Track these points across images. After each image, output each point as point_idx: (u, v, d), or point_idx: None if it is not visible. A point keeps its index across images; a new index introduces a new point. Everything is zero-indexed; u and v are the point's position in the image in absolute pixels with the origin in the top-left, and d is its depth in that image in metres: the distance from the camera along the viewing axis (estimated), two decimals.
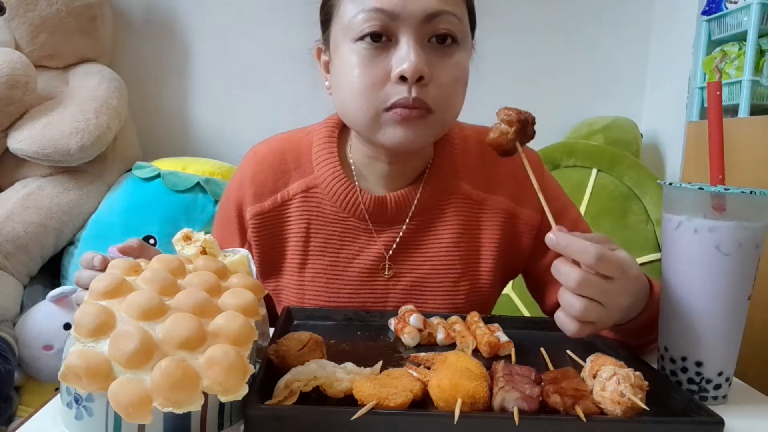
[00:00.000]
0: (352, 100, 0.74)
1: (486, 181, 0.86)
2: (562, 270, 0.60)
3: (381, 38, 0.72)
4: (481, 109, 0.86)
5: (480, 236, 0.86)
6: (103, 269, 0.63)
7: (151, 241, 1.62)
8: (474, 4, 0.80)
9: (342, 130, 0.88)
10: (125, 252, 0.66)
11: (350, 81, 0.73)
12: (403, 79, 0.71)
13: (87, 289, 0.60)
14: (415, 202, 0.84)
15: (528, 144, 0.68)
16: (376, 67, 0.72)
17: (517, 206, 0.86)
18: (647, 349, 0.74)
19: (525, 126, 0.65)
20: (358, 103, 0.74)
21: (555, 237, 0.61)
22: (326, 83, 0.82)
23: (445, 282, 0.85)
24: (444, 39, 0.73)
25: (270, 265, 0.87)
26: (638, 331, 0.70)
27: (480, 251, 0.86)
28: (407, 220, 0.85)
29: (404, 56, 0.71)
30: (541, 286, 0.91)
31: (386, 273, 0.85)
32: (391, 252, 0.85)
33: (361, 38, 0.72)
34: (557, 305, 0.85)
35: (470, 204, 0.86)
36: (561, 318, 0.62)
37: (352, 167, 0.86)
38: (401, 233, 0.85)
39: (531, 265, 0.90)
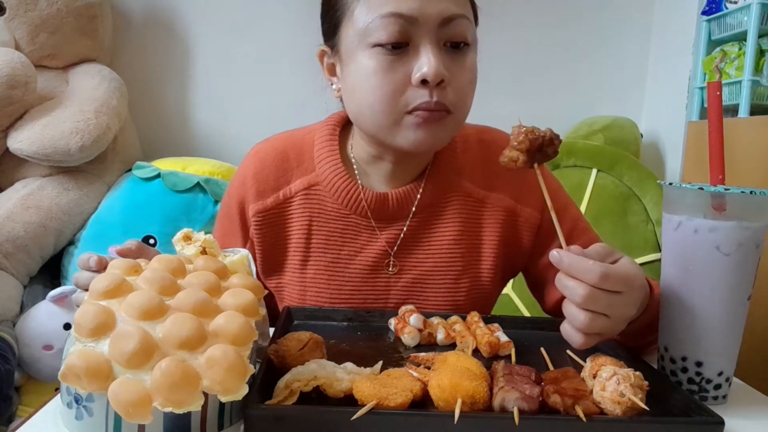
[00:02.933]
0: (372, 105, 0.74)
1: (487, 179, 0.87)
2: (567, 285, 0.60)
3: (400, 44, 0.72)
4: (481, 109, 0.86)
5: (481, 234, 0.87)
6: (98, 270, 0.63)
7: (151, 241, 1.62)
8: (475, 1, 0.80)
9: (343, 129, 0.88)
10: (123, 254, 0.67)
11: (370, 87, 0.74)
12: (424, 82, 0.72)
13: (86, 290, 0.60)
14: (417, 199, 0.85)
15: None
16: (396, 72, 0.73)
17: (517, 204, 0.87)
18: (647, 349, 0.74)
19: (541, 147, 0.65)
20: (378, 108, 0.74)
21: (558, 255, 0.60)
22: (333, 87, 0.82)
23: (447, 279, 0.86)
24: (458, 43, 0.74)
25: (272, 262, 0.88)
26: (638, 333, 0.70)
27: (481, 248, 0.87)
28: (410, 217, 0.85)
29: (425, 61, 0.72)
30: (540, 285, 0.91)
31: (390, 270, 0.85)
32: (395, 248, 0.85)
33: (380, 44, 0.72)
34: (557, 303, 0.86)
35: (471, 201, 0.87)
36: (567, 330, 0.62)
37: (354, 165, 0.86)
38: (404, 230, 0.85)
39: (531, 263, 0.90)
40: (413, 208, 0.85)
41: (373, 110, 0.75)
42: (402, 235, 0.85)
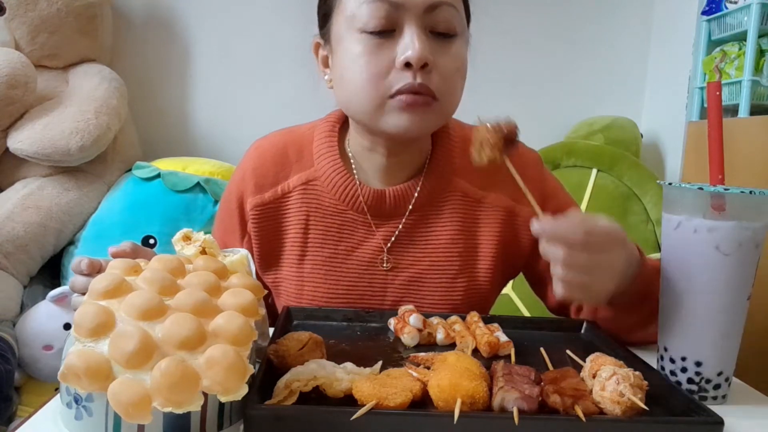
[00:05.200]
0: (357, 90, 0.75)
1: (485, 179, 0.87)
2: (549, 251, 0.62)
3: (385, 29, 0.73)
4: (481, 110, 0.86)
5: (478, 234, 0.87)
6: (90, 273, 0.64)
7: (151, 241, 1.62)
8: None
9: (343, 125, 0.89)
10: (118, 256, 0.66)
11: (355, 71, 0.75)
12: (407, 66, 0.73)
13: (83, 294, 0.60)
14: (414, 197, 0.85)
15: (529, 144, 0.68)
16: (380, 56, 0.74)
17: (516, 204, 0.87)
18: (645, 333, 0.74)
19: (511, 139, 0.67)
20: (363, 92, 0.75)
21: (539, 225, 0.62)
22: (326, 77, 0.83)
23: (443, 278, 0.86)
24: (444, 31, 0.75)
25: (269, 257, 0.88)
26: (632, 304, 0.71)
27: (478, 249, 0.87)
28: (406, 215, 0.85)
29: (409, 44, 0.72)
30: (543, 282, 0.91)
31: (384, 265, 0.86)
32: (389, 245, 0.86)
33: (366, 30, 0.73)
34: (559, 301, 0.86)
35: (468, 201, 0.87)
36: (555, 286, 0.64)
37: (351, 161, 0.87)
38: (400, 227, 0.85)
39: (532, 261, 0.90)
40: (410, 206, 0.85)
41: (359, 95, 0.76)
42: (397, 232, 0.86)
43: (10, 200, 1.53)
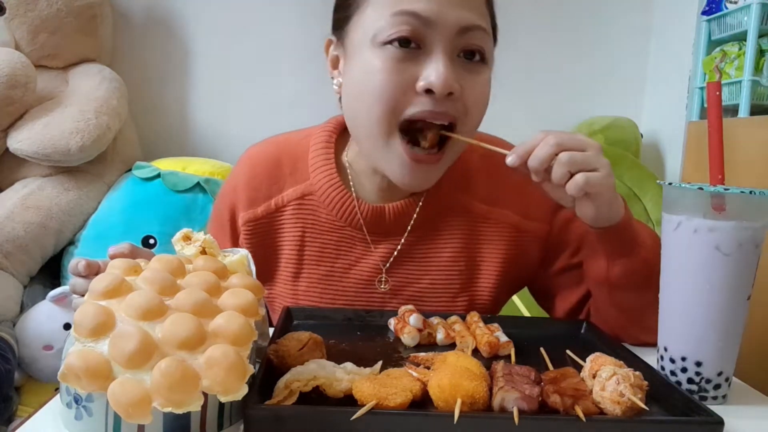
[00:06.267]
0: (368, 107, 0.70)
1: (490, 193, 0.84)
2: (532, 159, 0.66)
3: (410, 44, 0.68)
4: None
5: (482, 251, 0.84)
6: (88, 275, 0.63)
7: (151, 241, 1.62)
8: (497, 22, 0.77)
9: (341, 134, 0.85)
10: (116, 258, 0.66)
11: (370, 86, 0.69)
12: (428, 92, 0.68)
13: (83, 296, 0.60)
14: (416, 214, 0.82)
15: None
16: (402, 73, 0.68)
17: (523, 220, 0.84)
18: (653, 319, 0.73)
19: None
20: (374, 110, 0.70)
21: (513, 154, 0.66)
22: (334, 81, 0.78)
23: (443, 297, 0.83)
24: (473, 55, 0.71)
25: (263, 273, 0.84)
26: (636, 270, 0.72)
27: (481, 266, 0.84)
28: (406, 233, 0.82)
29: (435, 68, 0.67)
30: (550, 294, 0.88)
31: (382, 286, 0.83)
32: (388, 264, 0.83)
33: (389, 42, 0.68)
34: (569, 313, 0.85)
35: (473, 217, 0.83)
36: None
37: (350, 174, 0.83)
38: (400, 246, 0.82)
39: (539, 275, 0.87)
40: (411, 223, 0.82)
41: (368, 112, 0.70)
42: (396, 252, 0.82)
43: (10, 200, 1.54)
